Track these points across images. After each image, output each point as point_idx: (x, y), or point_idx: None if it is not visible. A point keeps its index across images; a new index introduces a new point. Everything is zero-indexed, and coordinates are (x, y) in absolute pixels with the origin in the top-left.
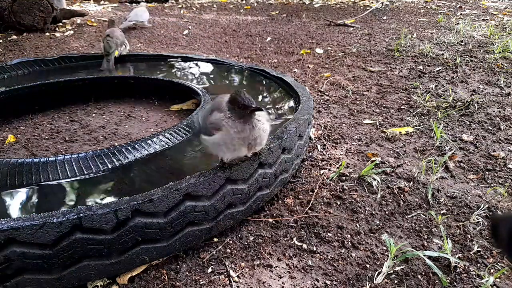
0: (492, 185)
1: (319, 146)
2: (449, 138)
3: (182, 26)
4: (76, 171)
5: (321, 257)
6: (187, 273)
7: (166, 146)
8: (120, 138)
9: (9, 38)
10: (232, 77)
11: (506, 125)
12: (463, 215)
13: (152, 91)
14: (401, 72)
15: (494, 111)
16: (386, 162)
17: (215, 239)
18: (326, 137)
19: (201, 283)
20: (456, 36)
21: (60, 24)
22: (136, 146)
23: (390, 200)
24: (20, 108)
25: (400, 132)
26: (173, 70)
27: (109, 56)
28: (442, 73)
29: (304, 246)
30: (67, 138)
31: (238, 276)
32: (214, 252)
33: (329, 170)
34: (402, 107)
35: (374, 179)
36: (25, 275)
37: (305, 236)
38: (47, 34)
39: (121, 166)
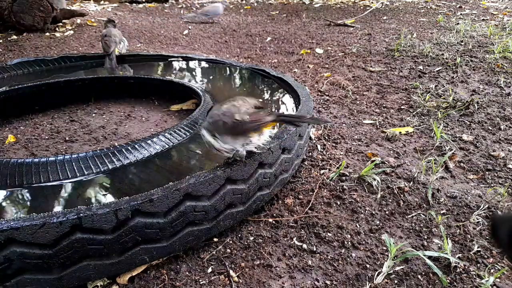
0: (492, 185)
1: (319, 146)
2: (449, 138)
3: (182, 26)
4: (76, 171)
5: (321, 257)
6: (187, 273)
7: (166, 146)
8: (120, 138)
9: (9, 38)
10: (232, 77)
11: (506, 125)
12: (463, 215)
13: (152, 91)
14: (401, 72)
15: (494, 111)
16: (386, 162)
17: (215, 239)
18: (326, 137)
19: (201, 283)
20: (456, 36)
21: (60, 24)
22: (136, 146)
23: (390, 200)
24: (20, 108)
25: (400, 132)
26: (173, 70)
27: (111, 55)
28: (442, 73)
29: (304, 246)
30: (67, 138)
31: (238, 276)
32: (214, 252)
33: (329, 170)
34: (402, 107)
35: (374, 179)
36: (25, 275)
37: (305, 236)
38: (47, 34)
39: (121, 166)
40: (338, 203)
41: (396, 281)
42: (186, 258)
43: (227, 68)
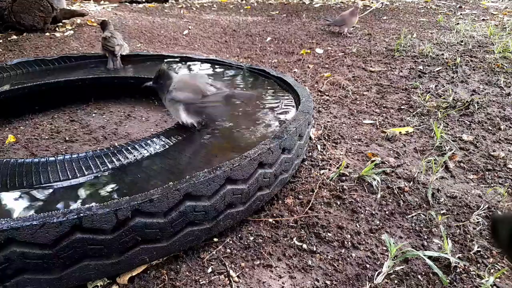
0: (492, 185)
1: (319, 146)
2: (449, 138)
3: (182, 26)
4: (76, 171)
5: (321, 257)
6: (187, 273)
7: (167, 146)
8: (120, 138)
9: (9, 38)
10: (231, 77)
11: (506, 125)
12: (463, 215)
13: (152, 91)
14: (401, 72)
15: (494, 111)
16: (386, 162)
17: (215, 239)
18: (326, 137)
19: (201, 283)
20: (456, 36)
21: (60, 24)
22: (136, 146)
23: (390, 200)
24: (20, 108)
25: (400, 132)
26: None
27: (115, 56)
28: (442, 73)
29: (304, 246)
30: (67, 138)
31: (238, 276)
32: (214, 252)
33: (329, 170)
34: (402, 107)
35: (374, 179)
36: (25, 275)
37: (305, 236)
38: (47, 34)
39: (121, 166)
40: (338, 203)
41: (396, 281)
42: (186, 258)
43: (227, 68)
